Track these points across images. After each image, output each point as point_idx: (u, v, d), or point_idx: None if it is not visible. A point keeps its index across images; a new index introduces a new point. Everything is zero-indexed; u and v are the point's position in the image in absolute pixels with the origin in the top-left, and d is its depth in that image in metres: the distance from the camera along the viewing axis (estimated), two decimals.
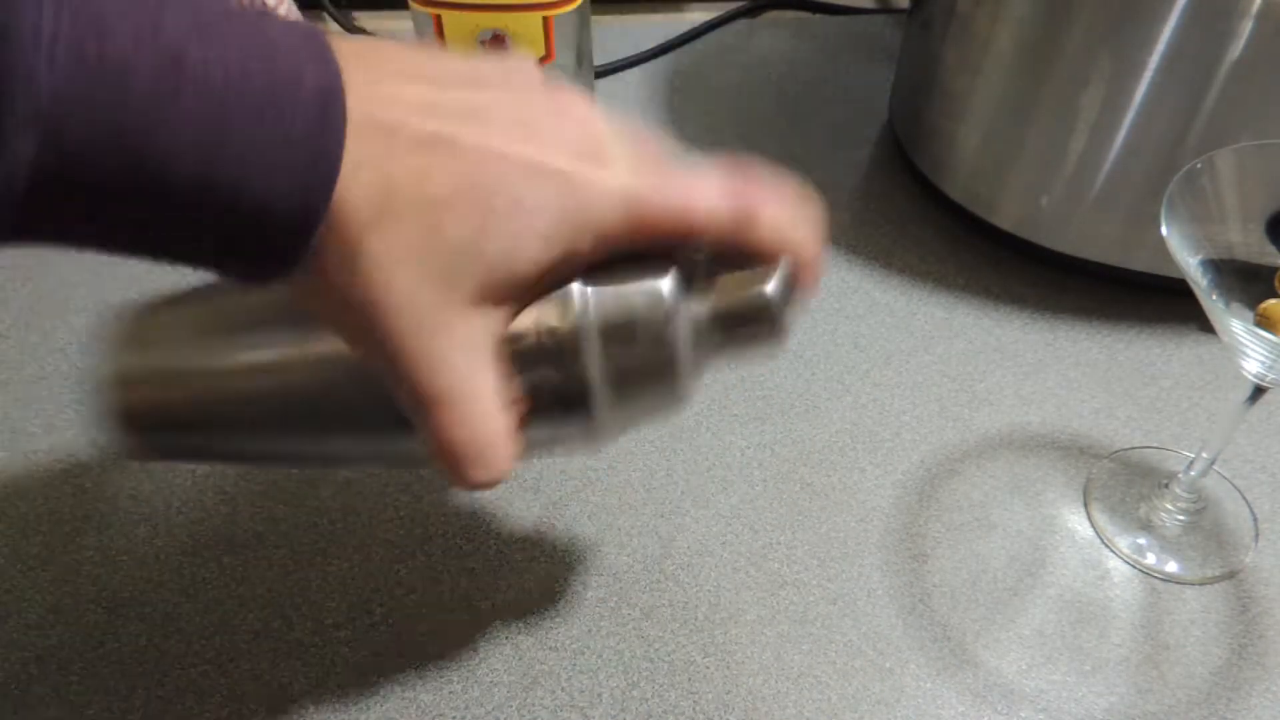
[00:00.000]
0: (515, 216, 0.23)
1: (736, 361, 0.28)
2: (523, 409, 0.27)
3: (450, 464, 0.26)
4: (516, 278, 0.24)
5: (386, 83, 0.23)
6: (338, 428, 0.29)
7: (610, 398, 0.27)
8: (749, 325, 0.27)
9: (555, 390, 0.27)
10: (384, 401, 0.26)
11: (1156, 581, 0.41)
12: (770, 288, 0.27)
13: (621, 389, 0.27)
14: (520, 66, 0.26)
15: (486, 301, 0.24)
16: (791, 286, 0.28)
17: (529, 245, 0.24)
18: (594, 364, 0.26)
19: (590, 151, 0.25)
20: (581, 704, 0.37)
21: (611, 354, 0.26)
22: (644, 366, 0.27)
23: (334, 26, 0.72)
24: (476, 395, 0.25)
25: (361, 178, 0.22)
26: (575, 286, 0.26)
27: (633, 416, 0.28)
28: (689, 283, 0.27)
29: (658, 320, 0.26)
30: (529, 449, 0.28)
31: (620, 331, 0.26)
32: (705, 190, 0.26)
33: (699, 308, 0.27)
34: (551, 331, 0.26)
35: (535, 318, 0.26)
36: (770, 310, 0.27)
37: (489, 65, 0.26)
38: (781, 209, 0.27)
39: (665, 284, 0.26)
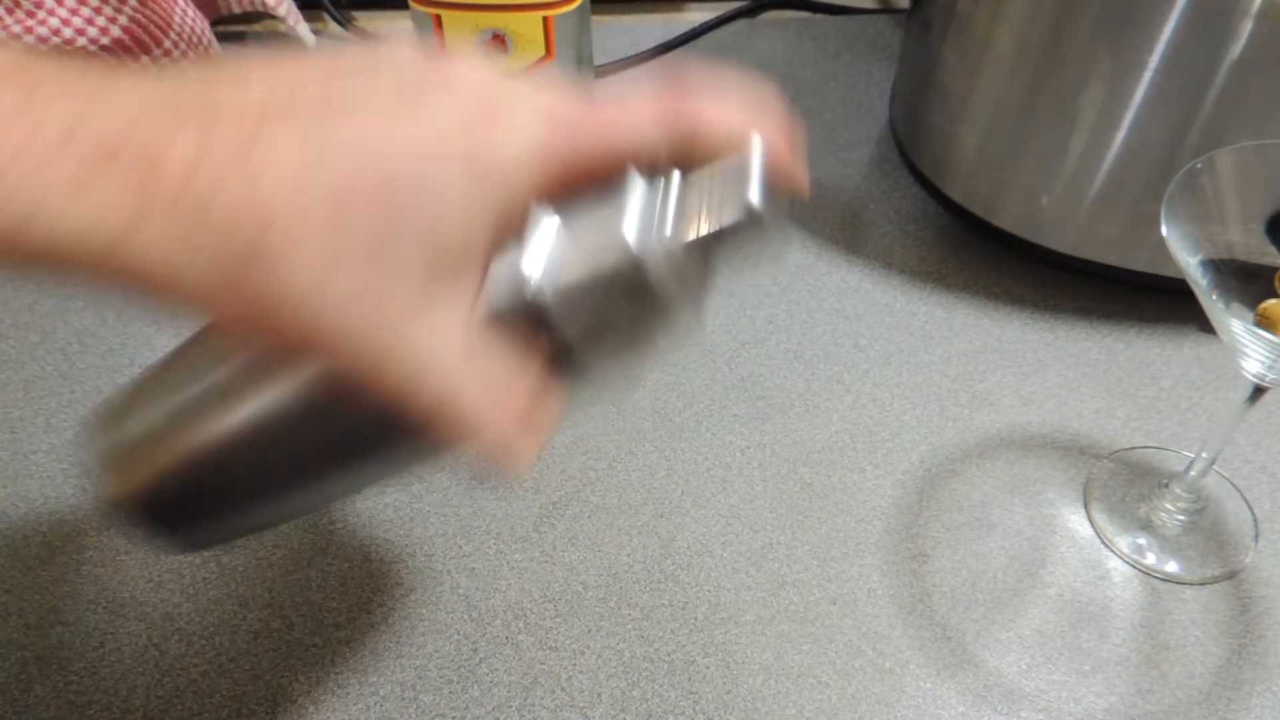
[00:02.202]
0: (423, 203, 0.21)
1: (742, 271, 0.27)
2: (535, 374, 0.25)
3: (485, 464, 0.24)
4: (459, 252, 0.22)
5: (226, 88, 0.21)
6: (340, 452, 0.27)
7: (606, 351, 0.25)
8: (735, 240, 0.24)
9: (551, 355, 0.25)
10: (372, 415, 0.24)
11: (1156, 581, 0.41)
12: (750, 197, 0.23)
13: (613, 340, 0.25)
14: (390, 50, 0.23)
15: (440, 283, 0.22)
16: (770, 182, 0.24)
17: (451, 225, 0.22)
18: (574, 327, 0.24)
19: (482, 117, 0.22)
20: (581, 704, 0.37)
21: (591, 312, 0.24)
22: (630, 314, 0.24)
23: (334, 27, 0.72)
24: (476, 386, 0.23)
25: (221, 203, 0.20)
26: (537, 235, 0.24)
27: (638, 358, 0.26)
28: (656, 195, 0.24)
29: (628, 274, 0.24)
30: (559, 410, 0.26)
31: (593, 291, 0.24)
32: (630, 115, 0.24)
33: (674, 237, 0.24)
34: (511, 298, 0.24)
35: (501, 285, 0.24)
36: (754, 216, 0.24)
37: (350, 55, 0.23)
38: (726, 108, 0.24)
39: (627, 230, 0.23)
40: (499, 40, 0.50)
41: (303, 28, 0.70)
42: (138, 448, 0.28)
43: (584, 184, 0.24)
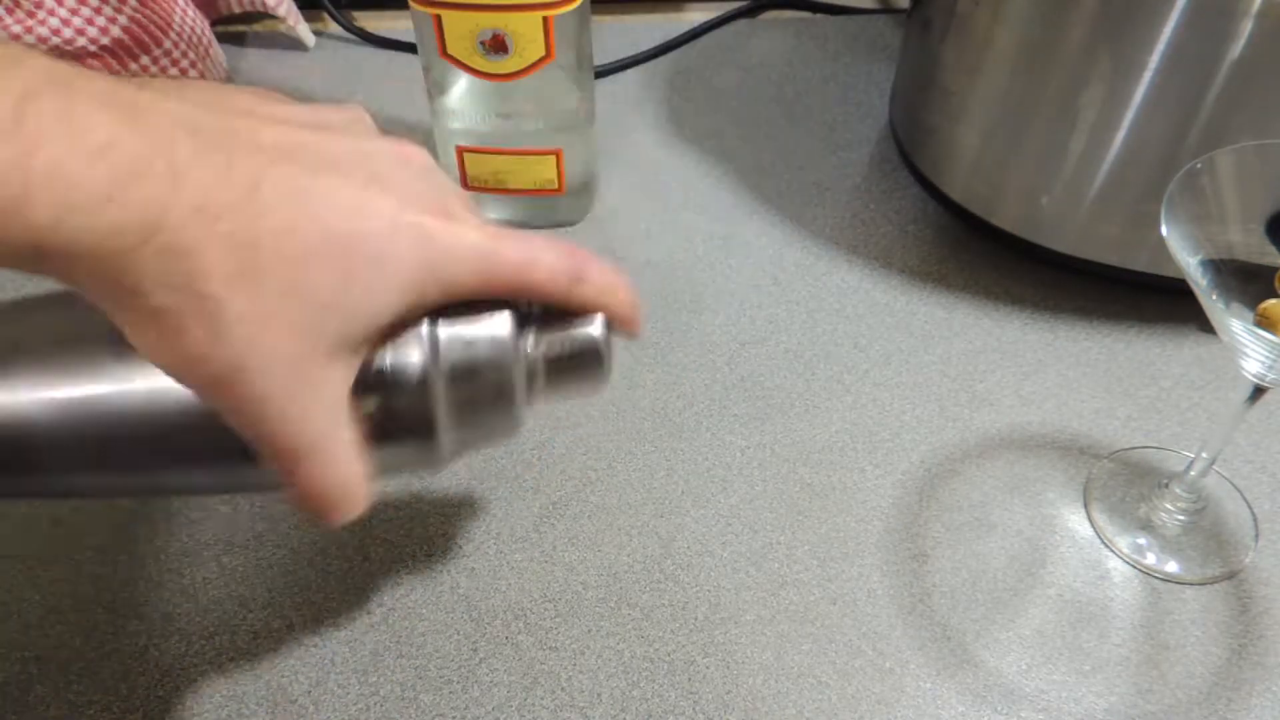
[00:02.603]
0: (377, 270, 0.24)
1: (564, 397, 0.32)
2: (370, 439, 0.28)
3: (313, 509, 0.27)
4: (372, 328, 0.26)
5: (239, 121, 0.24)
6: (169, 462, 0.29)
7: (452, 427, 0.29)
8: (578, 363, 0.31)
9: (402, 422, 0.29)
10: (223, 437, 0.26)
11: (1156, 581, 0.41)
12: (597, 331, 0.30)
13: (462, 420, 0.29)
14: (357, 115, 0.28)
15: (344, 351, 0.25)
16: (611, 333, 0.31)
17: (387, 297, 0.25)
18: (440, 401, 0.28)
19: (440, 205, 0.26)
20: (581, 704, 0.37)
21: (456, 391, 0.29)
22: (484, 402, 0.29)
23: (334, 27, 0.72)
24: (337, 446, 0.26)
25: (220, 229, 0.22)
26: (424, 327, 0.28)
27: (470, 442, 0.31)
28: (522, 329, 0.30)
29: (499, 362, 0.29)
30: (376, 473, 0.29)
31: (466, 372, 0.29)
32: (546, 251, 0.28)
33: (534, 351, 0.30)
34: (402, 371, 0.28)
35: (387, 358, 0.28)
36: (598, 351, 0.30)
37: (330, 112, 0.27)
38: (605, 272, 0.30)
39: (506, 329, 0.29)
40: (499, 40, 0.50)
41: (303, 28, 0.70)
42: None
43: (480, 296, 0.28)
